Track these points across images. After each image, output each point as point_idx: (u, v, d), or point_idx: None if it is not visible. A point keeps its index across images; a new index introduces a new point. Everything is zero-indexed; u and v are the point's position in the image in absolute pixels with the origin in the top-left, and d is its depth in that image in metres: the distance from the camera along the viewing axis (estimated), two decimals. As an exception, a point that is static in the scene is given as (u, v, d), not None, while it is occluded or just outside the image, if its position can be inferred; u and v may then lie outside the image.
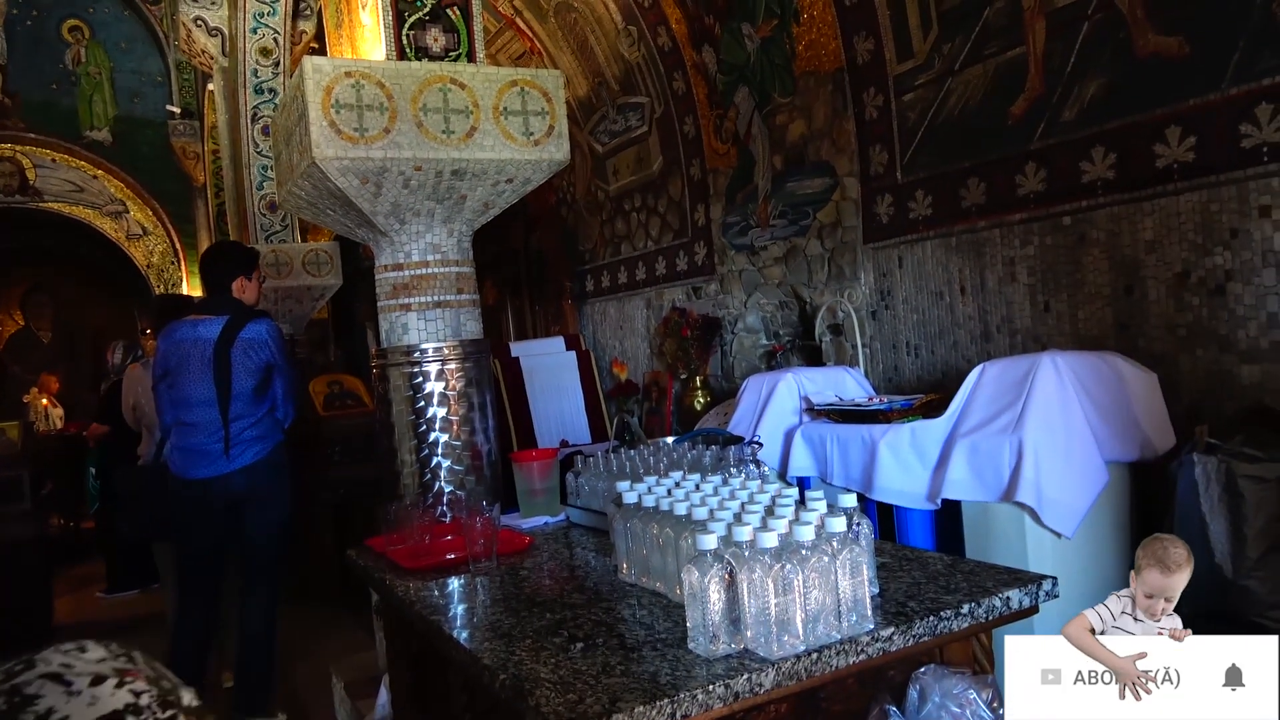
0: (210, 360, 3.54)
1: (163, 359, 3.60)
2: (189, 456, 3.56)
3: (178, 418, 3.59)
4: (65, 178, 10.50)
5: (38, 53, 10.32)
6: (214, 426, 3.54)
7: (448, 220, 3.27)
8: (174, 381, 3.56)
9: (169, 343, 3.60)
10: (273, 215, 6.71)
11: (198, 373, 3.54)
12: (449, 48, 3.22)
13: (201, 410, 3.54)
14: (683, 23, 5.44)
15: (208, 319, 3.62)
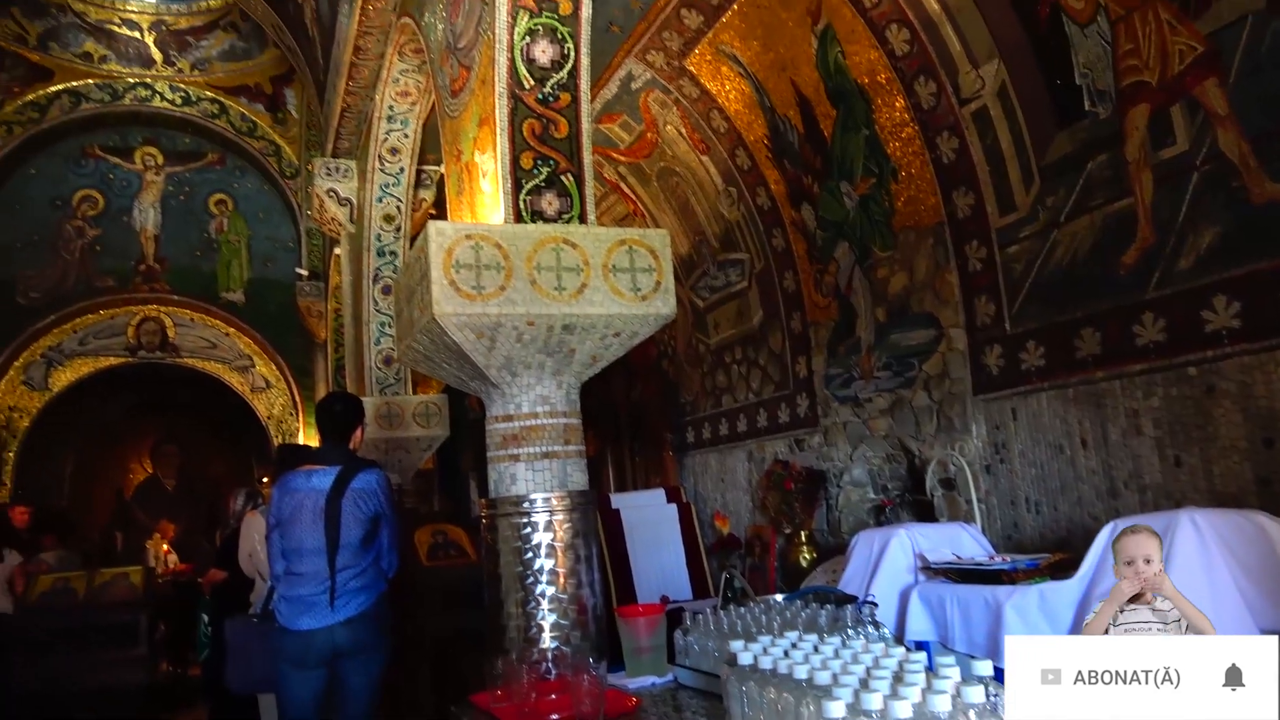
0: (322, 510, 3.59)
1: (277, 508, 3.67)
2: (295, 606, 3.57)
3: (288, 567, 3.62)
4: (201, 335, 11.30)
5: (187, 223, 11.37)
6: (322, 576, 3.56)
7: (557, 373, 3.36)
8: (286, 530, 3.61)
9: (284, 492, 3.68)
10: (387, 369, 7.02)
11: (310, 522, 3.58)
12: (562, 210, 3.40)
13: (311, 560, 3.57)
14: (781, 183, 5.62)
15: (322, 469, 3.69)
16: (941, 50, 4.27)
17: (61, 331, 10.77)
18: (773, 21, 5.04)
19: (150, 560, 9.43)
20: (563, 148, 3.42)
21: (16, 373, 10.52)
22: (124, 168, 11.23)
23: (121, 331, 11.00)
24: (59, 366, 10.74)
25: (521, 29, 3.35)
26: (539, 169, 3.37)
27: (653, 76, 5.93)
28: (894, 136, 4.66)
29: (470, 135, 3.65)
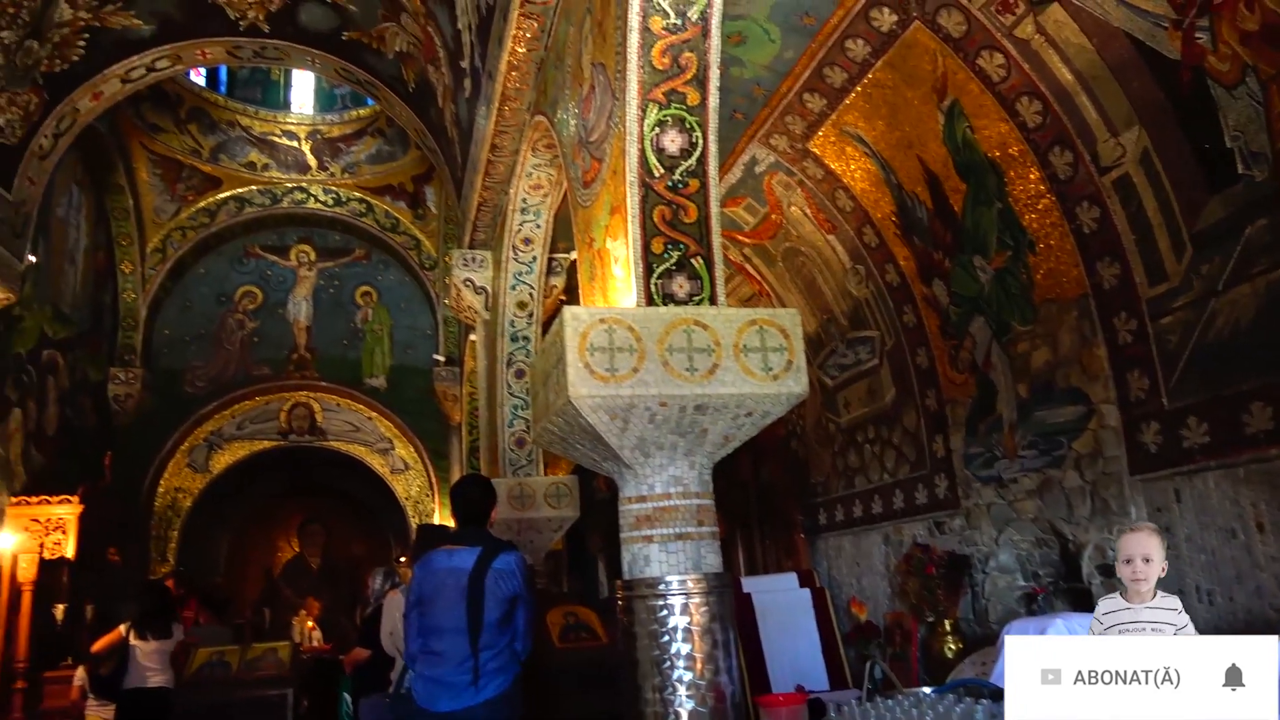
0: (465, 590, 3.55)
1: (418, 586, 3.66)
2: (435, 687, 3.53)
3: (426, 646, 3.60)
4: (346, 419, 11.90)
5: (335, 315, 12.11)
6: (462, 656, 3.52)
7: (689, 453, 3.36)
8: (426, 610, 3.60)
9: (425, 571, 3.67)
10: (520, 450, 7.18)
11: (452, 602, 3.55)
12: (693, 293, 3.45)
13: (451, 639, 3.53)
14: (911, 259, 5.55)
15: (463, 549, 3.68)
16: (1077, 119, 4.17)
17: (221, 417, 11.55)
18: (897, 101, 5.06)
19: (296, 636, 9.78)
20: (692, 232, 3.50)
21: (182, 455, 11.31)
22: (281, 265, 12.11)
23: (275, 416, 11.71)
24: (219, 450, 11.49)
25: (651, 121, 3.47)
26: (669, 253, 3.45)
27: (776, 160, 6.01)
28: (1029, 208, 4.55)
29: (602, 223, 3.77)
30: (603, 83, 3.77)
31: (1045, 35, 4.14)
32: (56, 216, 9.24)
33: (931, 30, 4.57)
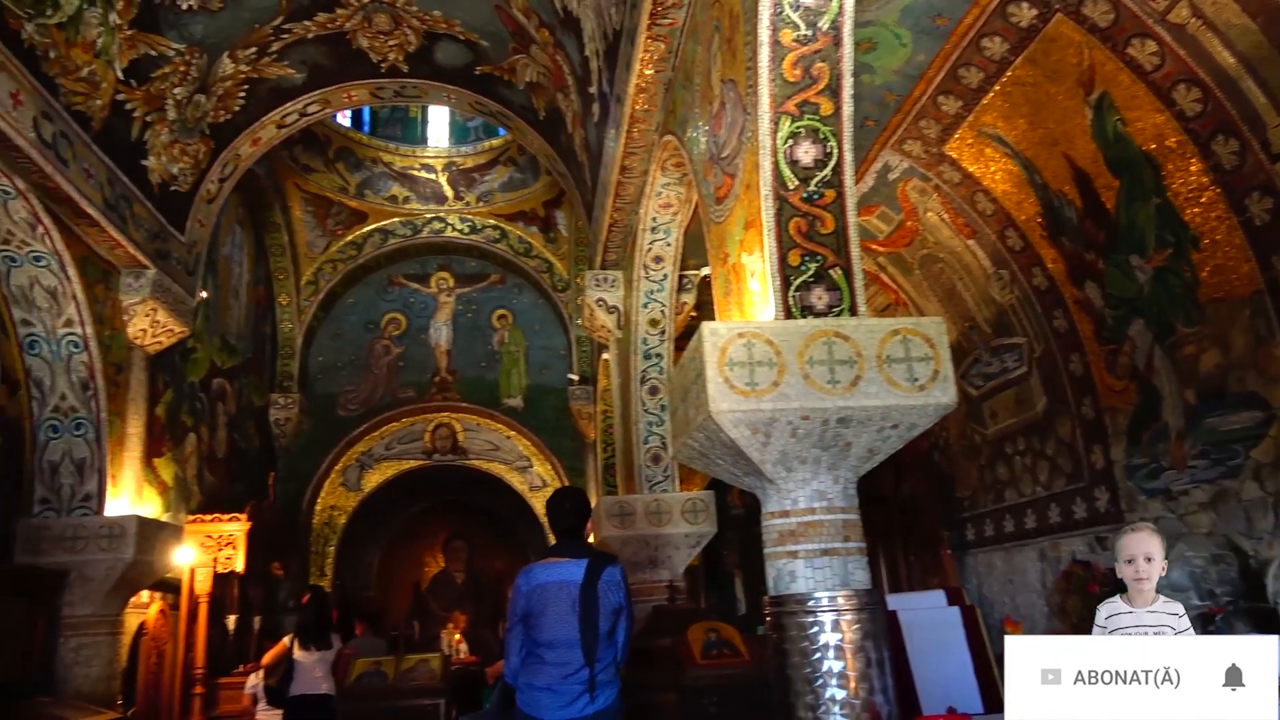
0: (576, 601, 3.48)
1: (524, 601, 3.54)
2: (545, 696, 3.46)
3: (539, 657, 3.52)
4: (486, 439, 12.29)
5: (473, 338, 12.55)
6: (575, 667, 3.46)
7: (833, 467, 3.31)
8: (536, 623, 3.51)
9: (531, 585, 3.57)
10: (656, 466, 7.24)
11: (563, 614, 3.47)
12: (832, 304, 3.40)
13: (564, 651, 3.47)
14: (1060, 261, 5.30)
15: (565, 561, 3.59)
16: (1242, 105, 3.90)
17: (371, 439, 12.14)
18: (1040, 98, 4.86)
19: (444, 648, 10.13)
20: (829, 243, 3.46)
21: (337, 475, 11.95)
22: (422, 292, 12.66)
23: (420, 437, 12.21)
24: (369, 469, 12.08)
25: (784, 133, 3.46)
26: (806, 265, 3.42)
27: (910, 165, 5.87)
28: (1191, 202, 4.27)
29: (737, 238, 3.78)
30: (733, 99, 3.78)
31: (1202, 18, 3.89)
32: (222, 255, 9.97)
33: (1075, 22, 4.38)
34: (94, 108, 6.12)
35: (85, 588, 6.23)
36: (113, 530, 6.29)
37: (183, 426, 8.71)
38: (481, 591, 14.05)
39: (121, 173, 6.53)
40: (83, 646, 6.23)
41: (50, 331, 6.34)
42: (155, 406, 7.71)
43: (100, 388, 6.52)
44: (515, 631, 3.52)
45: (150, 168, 7.00)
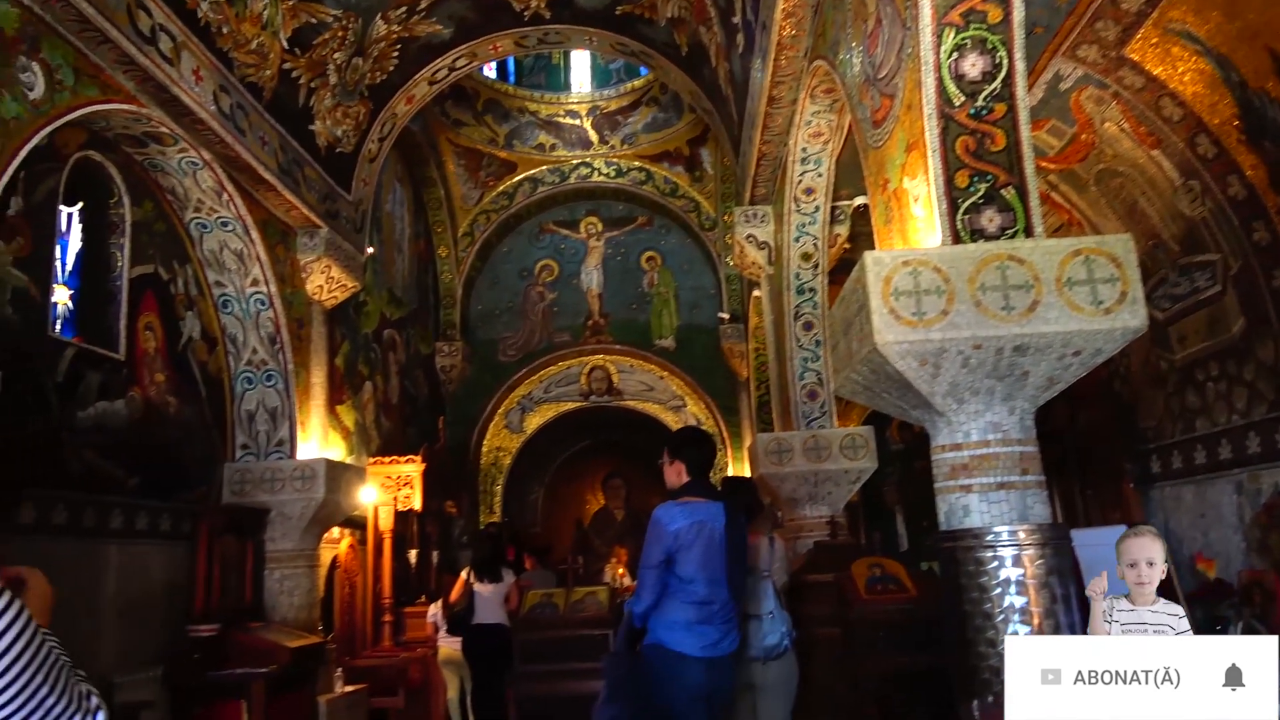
0: (721, 541, 3.50)
1: (670, 540, 3.49)
2: (693, 635, 3.46)
3: (683, 597, 3.48)
4: (640, 380, 12.49)
5: (624, 281, 12.69)
6: (719, 605, 3.48)
7: (1008, 398, 3.16)
8: (681, 561, 3.47)
9: (676, 524, 3.52)
10: (812, 403, 7.15)
11: (707, 552, 3.47)
12: (1004, 226, 3.22)
13: (709, 591, 3.47)
14: (1261, 168, 4.80)
15: (699, 502, 3.59)
16: None
17: (530, 382, 12.57)
18: (1239, -17, 4.36)
19: (609, 581, 10.48)
20: (1000, 161, 3.26)
21: (500, 418, 12.48)
22: (572, 238, 12.88)
23: (576, 380, 12.55)
24: (530, 412, 12.54)
25: (948, 46, 3.26)
26: (976, 186, 3.24)
27: (1085, 73, 5.43)
28: None
29: (897, 162, 3.62)
30: (890, 14, 3.59)
31: None
32: (385, 211, 10.44)
33: (1283, -107, 3.88)
34: (264, 78, 6.47)
35: (284, 525, 6.80)
36: (305, 472, 6.82)
37: (359, 375, 9.28)
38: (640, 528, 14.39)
39: (292, 138, 6.91)
40: (286, 578, 6.82)
41: (240, 291, 6.84)
42: (334, 357, 8.24)
43: (286, 341, 7.02)
44: (654, 571, 3.47)
45: (317, 132, 7.37)
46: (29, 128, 4.32)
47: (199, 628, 5.81)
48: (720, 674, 3.48)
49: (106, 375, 5.57)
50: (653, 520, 3.53)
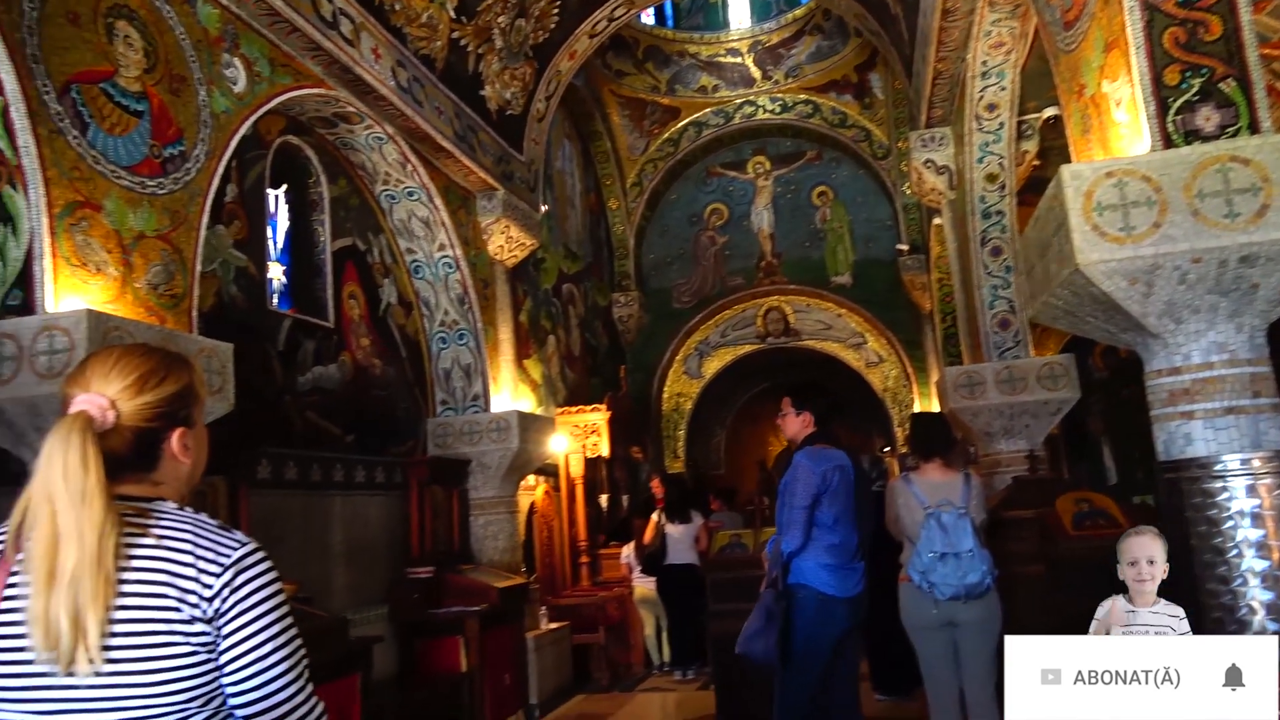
0: (852, 485, 3.72)
1: (819, 481, 3.64)
2: (838, 576, 3.66)
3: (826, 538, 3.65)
4: (817, 318, 12.26)
5: (795, 219, 12.43)
6: (854, 546, 3.72)
7: (1234, 315, 2.87)
8: (826, 504, 3.65)
9: (822, 468, 3.67)
10: (1005, 332, 6.78)
11: (847, 496, 3.68)
12: (1224, 124, 2.90)
13: (846, 531, 3.68)
14: None
15: (828, 448, 3.78)
16: None
17: (706, 328, 12.61)
18: None
19: None
20: (1217, 51, 2.92)
21: (679, 364, 12.63)
22: (740, 179, 12.71)
23: (752, 322, 12.48)
24: (708, 357, 12.61)
25: (1149, -73, 2.94)
26: (1189, 82, 2.92)
27: (1319, -62, 4.75)
28: None
29: (1094, 64, 3.31)
30: (1080, -100, 3.27)
31: None
32: (556, 169, 10.69)
33: None
34: (435, 49, 6.73)
35: (484, 474, 7.22)
36: (499, 424, 7.18)
37: (543, 330, 9.63)
38: (825, 468, 14.25)
39: (465, 105, 7.17)
40: (489, 523, 7.26)
41: (428, 256, 7.23)
42: (519, 314, 8.59)
43: (474, 301, 7.37)
44: (803, 512, 3.61)
45: (487, 96, 7.60)
46: (237, 119, 4.70)
47: (416, 570, 6.30)
48: (855, 613, 3.72)
49: (319, 342, 6.06)
50: (797, 465, 3.69)
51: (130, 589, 1.17)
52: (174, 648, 1.18)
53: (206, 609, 1.19)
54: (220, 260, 5.20)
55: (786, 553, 3.65)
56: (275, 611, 1.24)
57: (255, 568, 1.24)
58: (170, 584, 1.19)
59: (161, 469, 1.31)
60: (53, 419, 3.43)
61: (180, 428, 1.32)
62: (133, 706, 1.16)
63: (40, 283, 3.52)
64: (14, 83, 3.47)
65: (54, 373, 3.37)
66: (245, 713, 1.23)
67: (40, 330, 3.41)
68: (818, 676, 3.63)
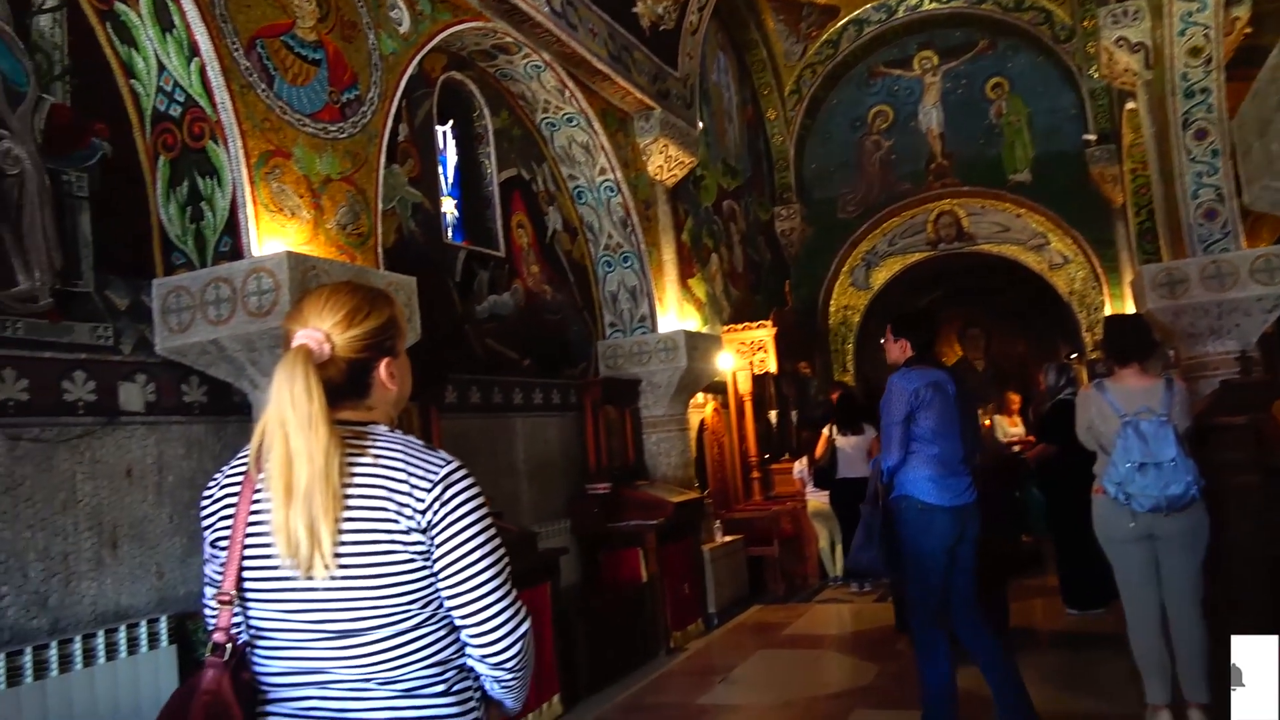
0: (954, 401, 3.85)
1: (911, 398, 3.79)
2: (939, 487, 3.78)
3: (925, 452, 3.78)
4: (993, 220, 11.58)
5: (967, 115, 11.68)
6: (959, 459, 3.85)
7: None
8: (922, 419, 3.79)
9: (913, 385, 3.80)
10: (1211, 223, 6.18)
11: (945, 412, 3.80)
12: None
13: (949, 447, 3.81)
14: None
15: (932, 369, 3.93)
16: None
17: (873, 237, 12.19)
18: None
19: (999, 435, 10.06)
20: None
21: (845, 276, 12.31)
22: (905, 77, 12.03)
23: (922, 229, 11.94)
24: (875, 267, 12.21)
25: None
26: None
27: None
28: None
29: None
30: None
31: None
32: (712, 83, 10.47)
33: None
34: (586, -32, 6.67)
35: (654, 393, 7.37)
36: (667, 344, 7.28)
37: (705, 248, 9.60)
38: (1004, 378, 13.66)
39: (618, 25, 7.10)
40: (661, 440, 7.43)
41: (590, 181, 7.31)
42: (680, 233, 8.59)
43: (636, 224, 7.43)
44: (898, 427, 3.77)
45: (639, 14, 7.50)
46: (404, 59, 4.87)
47: (594, 486, 6.57)
48: (965, 522, 3.81)
49: (492, 272, 6.30)
50: (890, 385, 3.86)
51: (354, 503, 1.30)
52: (394, 555, 1.30)
53: (420, 520, 1.31)
54: (398, 198, 5.47)
55: (886, 468, 3.83)
56: (481, 522, 1.35)
57: (461, 483, 1.35)
58: (388, 498, 1.31)
59: (373, 396, 1.43)
60: (265, 354, 3.75)
61: (387, 357, 1.44)
62: (362, 606, 1.30)
63: (245, 229, 3.83)
64: (208, 43, 3.72)
65: (263, 311, 3.68)
66: (461, 613, 1.35)
67: (249, 273, 3.72)
68: (935, 586, 3.78)
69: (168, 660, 3.56)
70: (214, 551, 1.42)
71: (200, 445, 3.99)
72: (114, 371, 3.69)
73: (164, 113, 3.91)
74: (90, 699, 3.28)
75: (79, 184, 3.69)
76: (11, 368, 3.32)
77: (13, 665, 3.07)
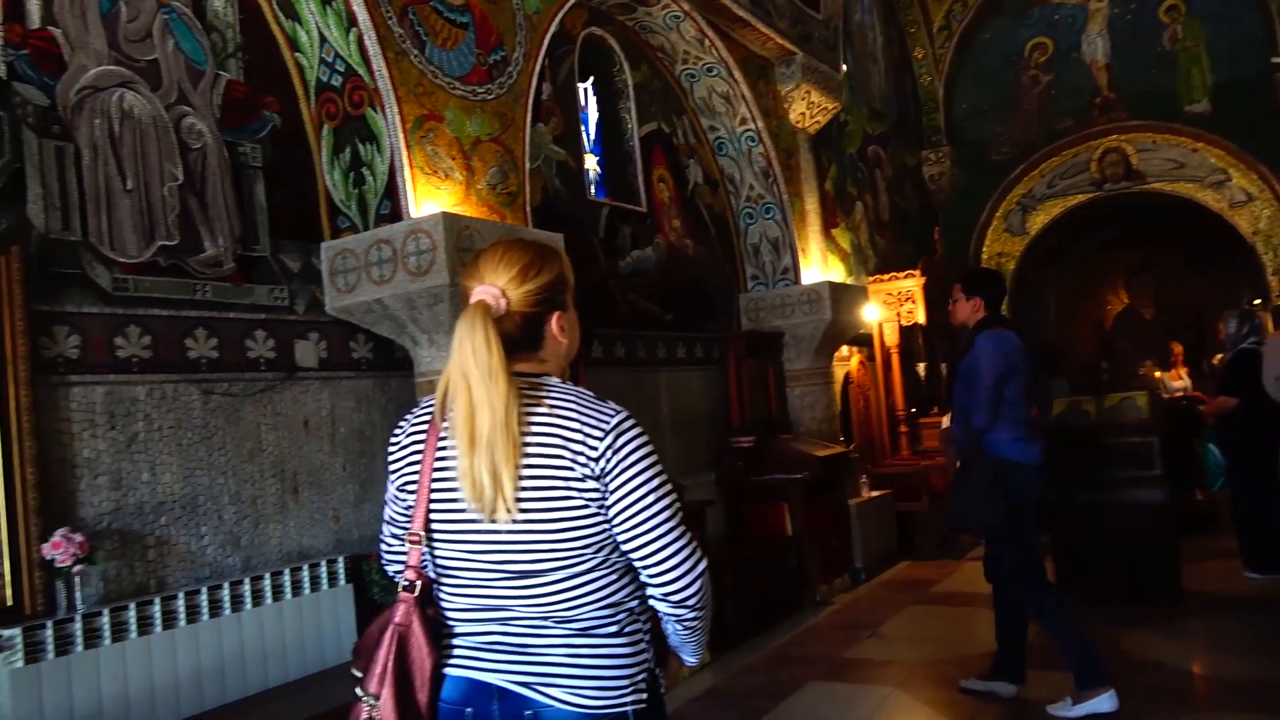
0: (1025, 363, 3.98)
1: (1004, 361, 3.91)
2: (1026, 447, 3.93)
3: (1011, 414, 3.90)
4: (1166, 156, 10.70)
5: (1137, 43, 10.78)
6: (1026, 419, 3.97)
7: None
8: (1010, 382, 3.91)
9: (1004, 348, 3.93)
10: None
11: (1023, 373, 3.95)
12: None
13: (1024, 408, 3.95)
14: None
15: (1000, 330, 4.04)
16: None
17: (1030, 179, 11.51)
18: None
19: (1161, 391, 9.41)
20: None
21: (999, 222, 11.70)
22: (1067, 4, 11.19)
23: (1084, 169, 11.18)
24: (1032, 211, 11.54)
25: None
26: None
27: None
28: None
29: None
30: None
31: None
32: (855, 23, 10.06)
33: None
34: (725, -88, 6.51)
35: (798, 346, 7.27)
36: (810, 296, 7.16)
37: (849, 197, 9.33)
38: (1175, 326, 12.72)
39: (758, -32, 6.92)
40: (805, 394, 7.35)
41: (731, 132, 7.21)
42: (824, 182, 8.37)
43: (778, 173, 7.29)
44: (991, 390, 3.87)
45: (780, -46, 7.28)
46: (547, 17, 4.92)
47: (739, 439, 6.58)
48: (1040, 480, 4.01)
49: (635, 227, 6.34)
50: (981, 348, 3.95)
51: (532, 450, 1.36)
52: (571, 499, 1.35)
53: (594, 467, 1.35)
54: (543, 156, 5.56)
55: (977, 429, 3.92)
56: (652, 468, 1.38)
57: (630, 431, 1.38)
58: (564, 446, 1.36)
59: (545, 348, 1.49)
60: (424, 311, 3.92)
61: (558, 311, 1.48)
62: (541, 548, 1.36)
63: (403, 192, 3.99)
64: (364, 12, 3.87)
65: (422, 270, 3.84)
66: (639, 554, 1.39)
67: (408, 234, 3.88)
68: (1034, 545, 4.00)
69: (345, 598, 3.84)
70: (400, 494, 1.51)
71: (368, 399, 4.23)
72: (290, 330, 3.95)
73: (326, 83, 4.11)
74: (279, 631, 3.58)
75: (253, 155, 3.94)
76: (203, 328, 3.61)
77: (213, 598, 3.39)
